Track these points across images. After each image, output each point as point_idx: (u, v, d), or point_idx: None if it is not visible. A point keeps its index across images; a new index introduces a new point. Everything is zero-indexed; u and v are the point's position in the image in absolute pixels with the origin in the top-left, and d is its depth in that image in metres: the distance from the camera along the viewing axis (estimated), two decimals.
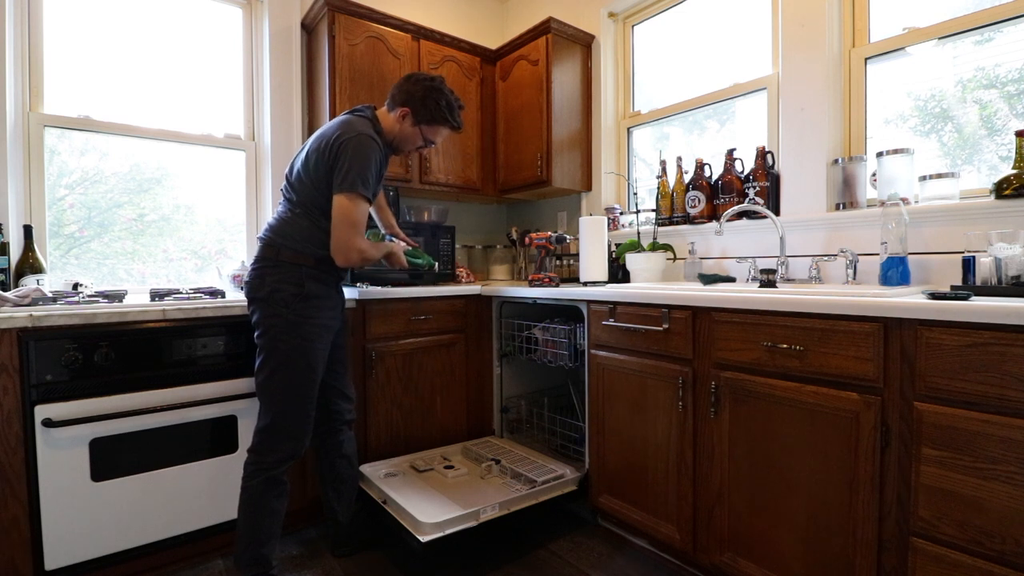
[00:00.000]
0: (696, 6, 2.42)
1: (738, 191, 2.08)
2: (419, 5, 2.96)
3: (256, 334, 1.58)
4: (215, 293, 1.96)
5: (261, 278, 1.57)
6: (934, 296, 1.20)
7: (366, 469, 1.99)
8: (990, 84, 1.64)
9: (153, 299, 1.82)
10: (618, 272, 2.34)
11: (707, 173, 2.22)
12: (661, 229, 2.35)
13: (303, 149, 1.64)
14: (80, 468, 1.54)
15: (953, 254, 1.57)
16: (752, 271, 2.01)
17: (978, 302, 1.09)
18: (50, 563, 1.50)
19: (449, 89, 1.73)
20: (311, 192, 1.58)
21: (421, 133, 1.71)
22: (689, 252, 2.23)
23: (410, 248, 1.88)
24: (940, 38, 1.70)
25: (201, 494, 1.73)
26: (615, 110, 2.74)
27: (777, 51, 2.06)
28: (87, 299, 1.70)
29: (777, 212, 2.00)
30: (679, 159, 2.30)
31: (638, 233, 2.34)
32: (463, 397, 2.36)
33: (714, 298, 1.51)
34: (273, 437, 1.54)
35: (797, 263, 1.92)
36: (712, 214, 2.19)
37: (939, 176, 1.62)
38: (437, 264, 1.94)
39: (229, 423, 1.78)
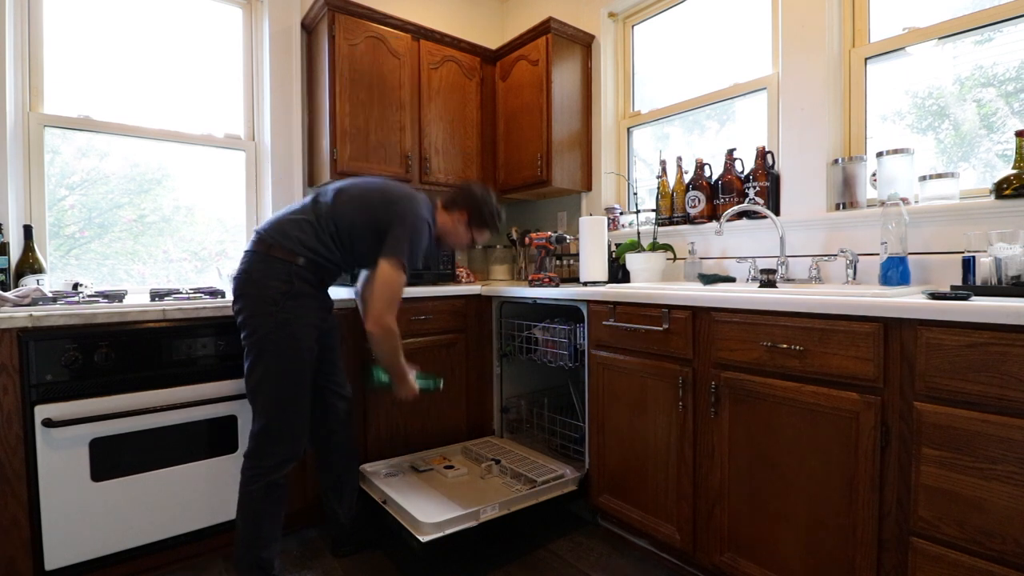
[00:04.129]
0: (696, 6, 2.42)
1: (738, 191, 2.08)
2: (419, 5, 2.96)
3: (243, 335, 1.54)
4: (215, 293, 1.96)
5: (248, 272, 1.55)
6: (934, 296, 1.20)
7: (366, 469, 1.99)
8: (988, 83, 1.64)
9: (153, 299, 1.82)
10: (618, 272, 2.34)
11: (707, 173, 2.22)
12: (661, 229, 2.35)
13: (358, 185, 1.69)
14: (80, 468, 1.54)
15: (953, 254, 1.57)
16: (752, 271, 2.01)
17: (978, 302, 1.09)
18: (50, 563, 1.50)
19: (496, 201, 1.88)
20: (342, 221, 1.62)
21: (471, 233, 1.86)
22: (689, 252, 2.23)
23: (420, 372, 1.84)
24: (940, 38, 1.70)
25: (201, 494, 1.73)
26: (615, 110, 2.74)
27: (777, 51, 2.06)
28: (87, 299, 1.70)
29: (777, 212, 2.00)
30: (679, 159, 2.30)
31: (638, 233, 2.34)
32: (463, 397, 2.36)
33: (714, 298, 1.51)
34: (269, 441, 1.53)
35: (797, 263, 1.92)
36: (712, 214, 2.19)
37: (939, 176, 1.62)
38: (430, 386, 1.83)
39: (229, 423, 1.78)
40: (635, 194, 2.55)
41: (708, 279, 1.97)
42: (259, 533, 1.52)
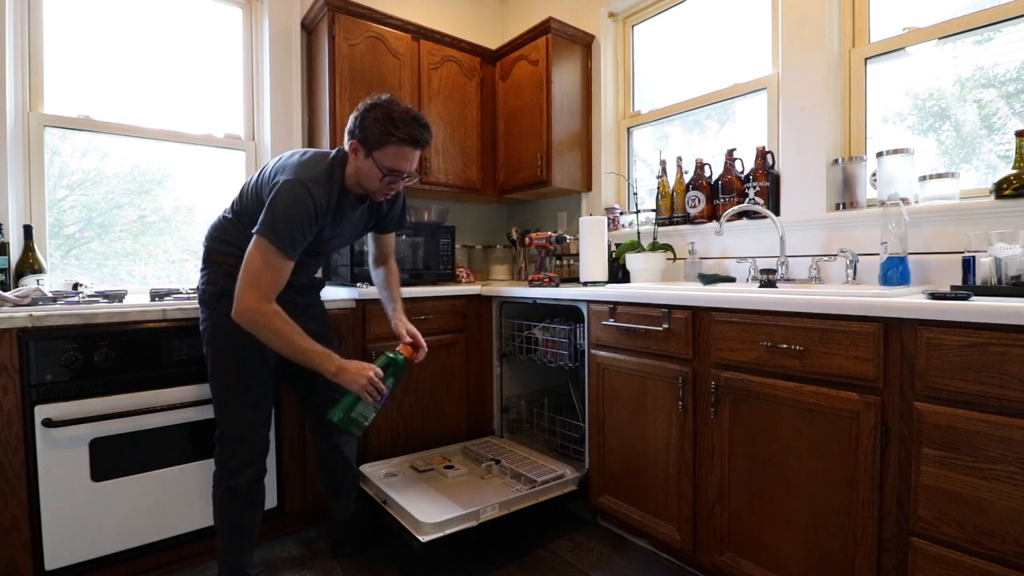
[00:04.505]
0: (696, 6, 2.42)
1: (738, 191, 2.08)
2: (419, 5, 2.96)
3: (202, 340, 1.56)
4: None
5: (198, 285, 1.57)
6: (934, 296, 1.20)
7: (366, 469, 1.99)
8: (988, 83, 1.64)
9: (153, 299, 1.82)
10: (618, 272, 2.34)
11: (707, 173, 2.22)
12: (661, 229, 2.35)
13: (265, 166, 1.56)
14: (80, 468, 1.54)
15: (953, 254, 1.57)
16: (752, 271, 2.00)
17: (978, 302, 1.09)
18: (50, 563, 1.50)
19: (398, 103, 1.46)
20: (250, 208, 1.51)
21: (375, 163, 1.44)
22: (689, 252, 2.23)
23: (391, 357, 1.54)
24: (940, 38, 1.70)
25: (201, 494, 1.73)
26: (615, 110, 2.74)
27: (777, 51, 2.06)
28: (87, 299, 1.70)
29: (777, 212, 2.00)
30: (679, 159, 2.30)
31: (638, 233, 2.34)
32: (463, 397, 2.36)
33: (714, 298, 1.51)
34: (223, 444, 1.51)
35: (797, 263, 1.92)
36: (712, 214, 2.19)
37: (939, 176, 1.62)
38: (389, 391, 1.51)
39: None
40: (635, 194, 2.55)
41: (708, 279, 1.97)
42: (228, 541, 1.52)
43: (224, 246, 1.54)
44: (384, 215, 1.72)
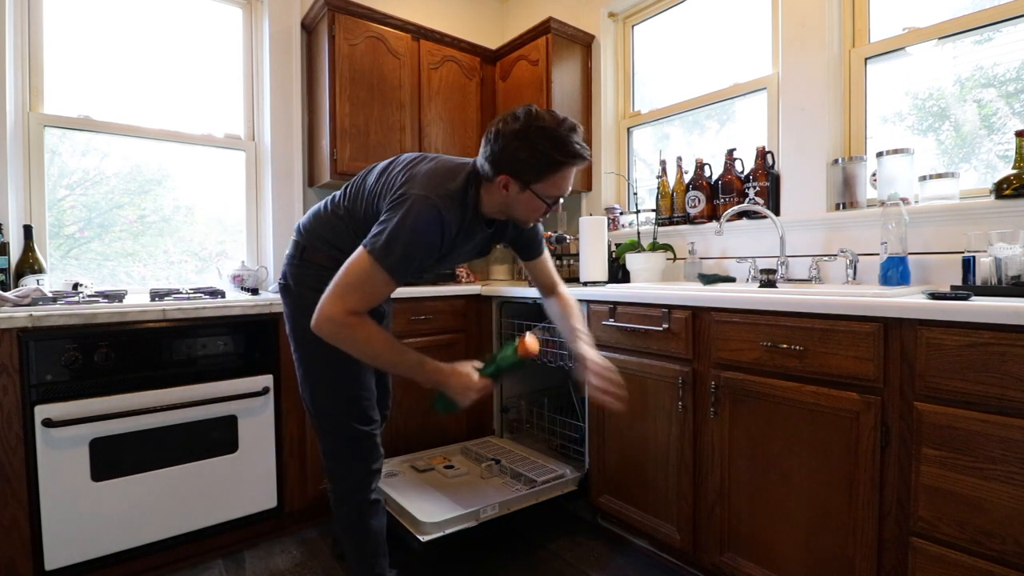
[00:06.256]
0: (696, 6, 2.42)
1: (738, 191, 2.08)
2: (419, 5, 2.96)
3: (292, 346, 1.41)
4: (215, 293, 1.96)
5: (286, 278, 1.42)
6: (934, 296, 1.20)
7: None
8: (988, 83, 1.64)
9: (153, 299, 1.82)
10: (618, 272, 2.34)
11: (707, 173, 2.22)
12: (661, 229, 2.35)
13: (380, 166, 1.38)
14: (80, 468, 1.54)
15: (953, 254, 1.57)
16: (752, 271, 2.01)
17: (978, 302, 1.09)
18: (50, 563, 1.50)
19: (543, 115, 1.22)
20: (360, 206, 1.35)
21: (536, 195, 1.25)
22: (689, 252, 2.23)
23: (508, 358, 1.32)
24: (940, 38, 1.70)
25: (201, 494, 1.73)
26: (615, 110, 2.74)
27: (777, 51, 2.06)
28: (87, 299, 1.70)
29: (777, 212, 2.00)
30: (679, 159, 2.30)
31: (638, 233, 2.34)
32: None
33: (714, 298, 1.51)
34: (340, 461, 1.39)
35: (797, 263, 1.92)
36: (712, 214, 2.19)
37: (939, 176, 1.62)
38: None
39: (229, 423, 1.78)
40: (635, 194, 2.55)
41: (708, 279, 1.97)
42: (365, 549, 1.42)
43: (329, 248, 1.38)
44: (519, 237, 1.48)
